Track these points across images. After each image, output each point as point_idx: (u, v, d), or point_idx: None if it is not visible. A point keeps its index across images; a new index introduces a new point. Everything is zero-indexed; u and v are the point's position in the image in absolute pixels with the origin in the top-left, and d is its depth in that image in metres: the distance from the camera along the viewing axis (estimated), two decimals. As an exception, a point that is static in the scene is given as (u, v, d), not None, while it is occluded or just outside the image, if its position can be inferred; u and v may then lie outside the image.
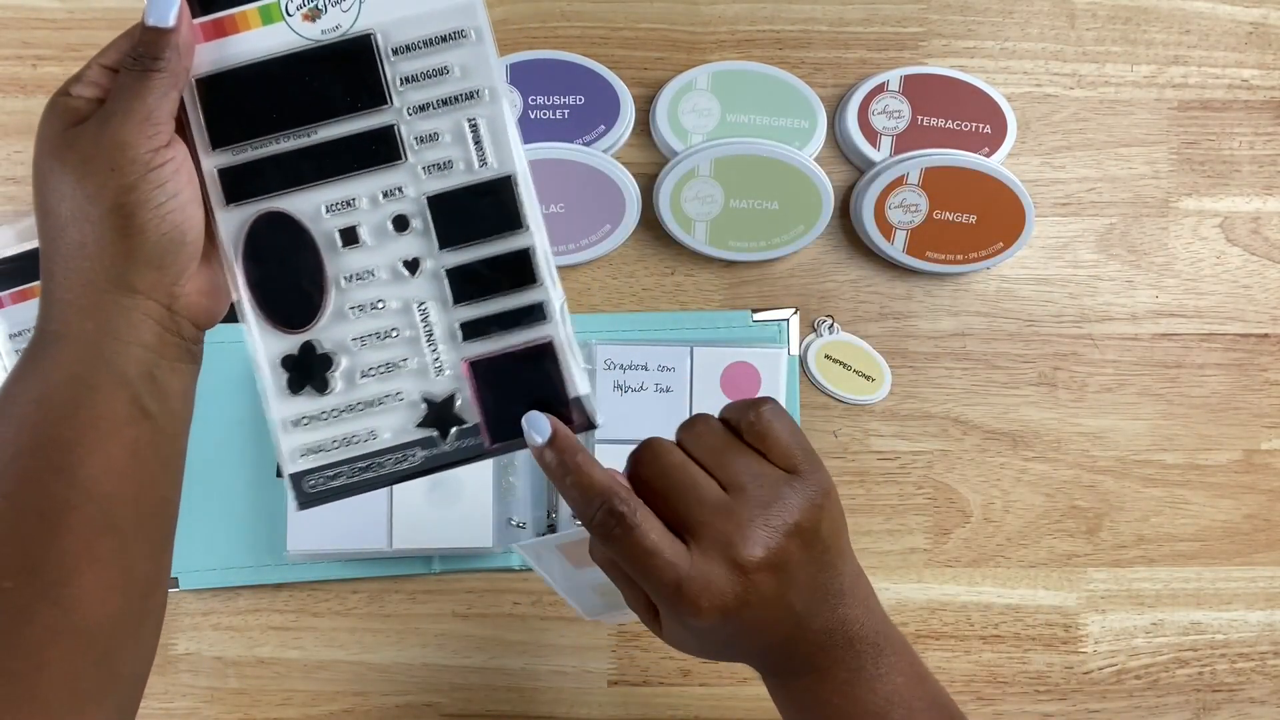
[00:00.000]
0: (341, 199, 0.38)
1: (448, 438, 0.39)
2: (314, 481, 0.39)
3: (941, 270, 0.61)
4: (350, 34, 0.37)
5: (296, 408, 0.38)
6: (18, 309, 0.59)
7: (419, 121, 0.37)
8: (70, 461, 0.34)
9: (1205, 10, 0.63)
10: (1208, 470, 0.63)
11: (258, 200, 0.37)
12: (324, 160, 0.37)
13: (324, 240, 0.38)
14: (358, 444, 0.39)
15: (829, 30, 0.63)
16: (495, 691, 0.61)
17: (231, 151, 0.37)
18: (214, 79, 0.37)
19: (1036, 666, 0.62)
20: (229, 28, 0.36)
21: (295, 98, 0.37)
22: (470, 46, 0.37)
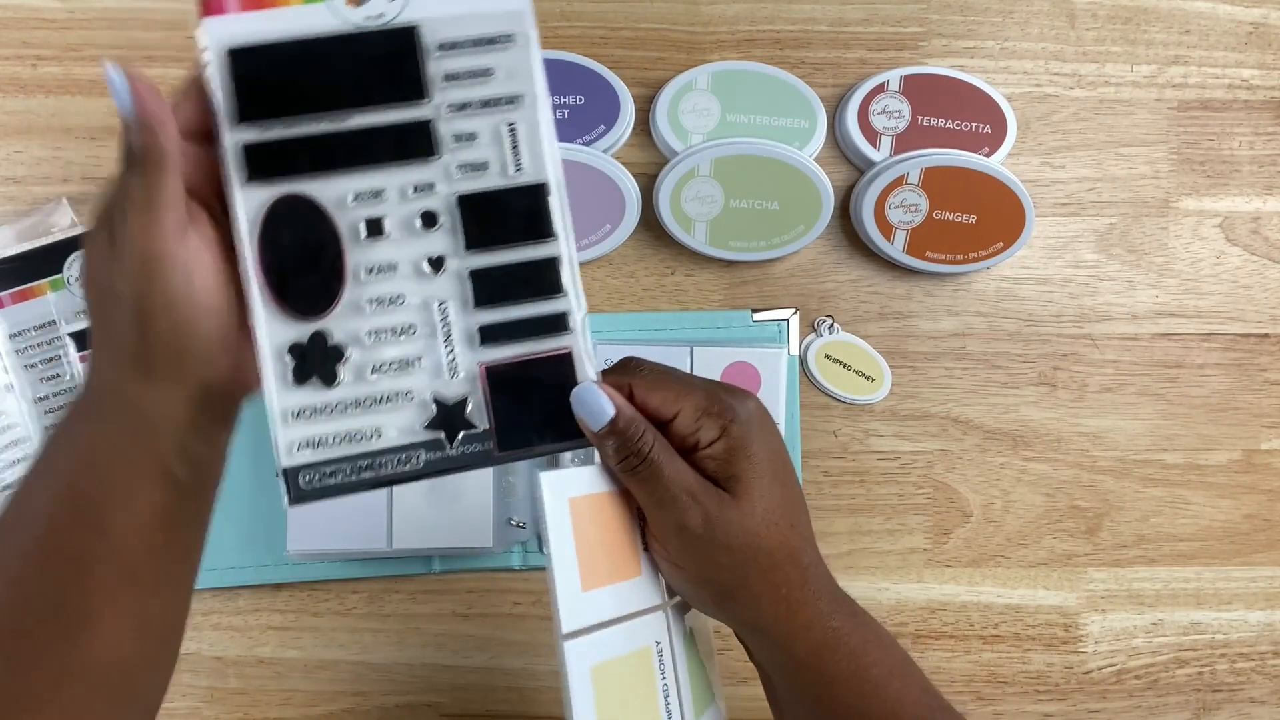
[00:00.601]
0: (370, 189, 0.37)
1: (454, 442, 0.38)
2: (309, 477, 0.38)
3: (941, 270, 0.61)
4: (395, 24, 0.36)
5: (299, 399, 0.37)
6: (18, 309, 0.59)
7: (457, 120, 0.37)
8: (100, 518, 0.35)
9: (1205, 10, 0.63)
10: (1208, 470, 0.63)
11: (281, 181, 0.36)
12: (355, 148, 0.36)
13: (348, 229, 0.37)
14: (360, 441, 0.38)
15: (829, 30, 0.63)
16: (495, 691, 0.61)
17: (259, 128, 0.36)
18: (247, 51, 0.35)
19: (1036, 666, 0.62)
20: (268, 1, 0.35)
21: (331, 81, 0.36)
22: (516, 51, 0.37)
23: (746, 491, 0.36)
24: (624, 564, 0.38)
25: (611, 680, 0.37)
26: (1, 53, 0.61)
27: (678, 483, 0.36)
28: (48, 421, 0.59)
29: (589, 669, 0.36)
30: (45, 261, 0.59)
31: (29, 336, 0.59)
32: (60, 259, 0.59)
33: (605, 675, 0.36)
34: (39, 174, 0.61)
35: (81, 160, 0.61)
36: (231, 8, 0.35)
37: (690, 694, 0.39)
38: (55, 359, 0.59)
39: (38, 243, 0.59)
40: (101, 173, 0.61)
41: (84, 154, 0.61)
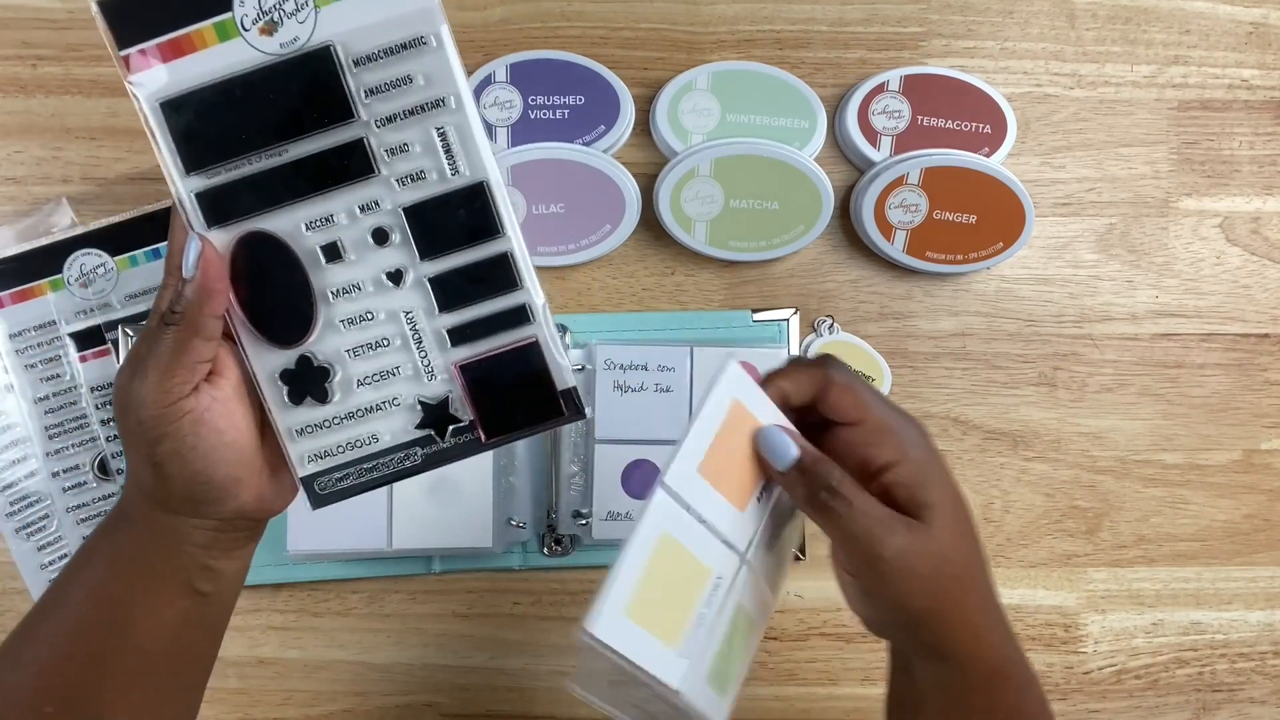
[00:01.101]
0: (320, 215, 0.37)
1: (445, 436, 0.40)
2: (324, 483, 0.40)
3: (941, 270, 0.61)
4: (309, 47, 0.36)
5: (300, 417, 0.39)
6: (18, 309, 0.59)
7: (387, 133, 0.37)
8: (123, 619, 0.37)
9: (1205, 10, 0.63)
10: (1208, 470, 0.63)
11: (239, 221, 0.37)
12: (298, 178, 0.37)
13: (307, 257, 0.38)
14: (361, 447, 0.40)
15: (829, 30, 0.63)
16: (495, 691, 0.61)
17: (206, 175, 0.37)
18: (178, 100, 0.36)
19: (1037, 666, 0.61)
20: (185, 47, 0.36)
21: (262, 116, 0.36)
22: (431, 54, 0.36)
23: (936, 519, 0.37)
24: (739, 488, 0.39)
25: (668, 559, 0.37)
26: (1, 53, 0.61)
27: (870, 515, 0.36)
28: (48, 421, 0.59)
29: (660, 531, 0.37)
30: (45, 261, 0.59)
31: (29, 336, 0.59)
32: (60, 259, 0.59)
33: (667, 550, 0.37)
34: (39, 174, 0.61)
35: (81, 160, 0.61)
36: (154, 61, 0.36)
37: (714, 651, 0.38)
38: (55, 359, 0.59)
39: (38, 243, 0.59)
40: (101, 173, 0.61)
41: (84, 154, 0.61)
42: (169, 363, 0.35)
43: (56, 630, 0.37)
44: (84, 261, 0.59)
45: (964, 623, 0.38)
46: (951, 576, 0.37)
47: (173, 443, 0.35)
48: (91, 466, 0.60)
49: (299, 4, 0.36)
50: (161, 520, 0.37)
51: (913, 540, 0.36)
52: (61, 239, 0.59)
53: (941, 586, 0.37)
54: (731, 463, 0.38)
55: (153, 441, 0.35)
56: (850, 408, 0.38)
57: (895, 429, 0.38)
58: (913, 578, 0.36)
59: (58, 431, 0.59)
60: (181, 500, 0.37)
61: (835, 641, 0.61)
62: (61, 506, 0.59)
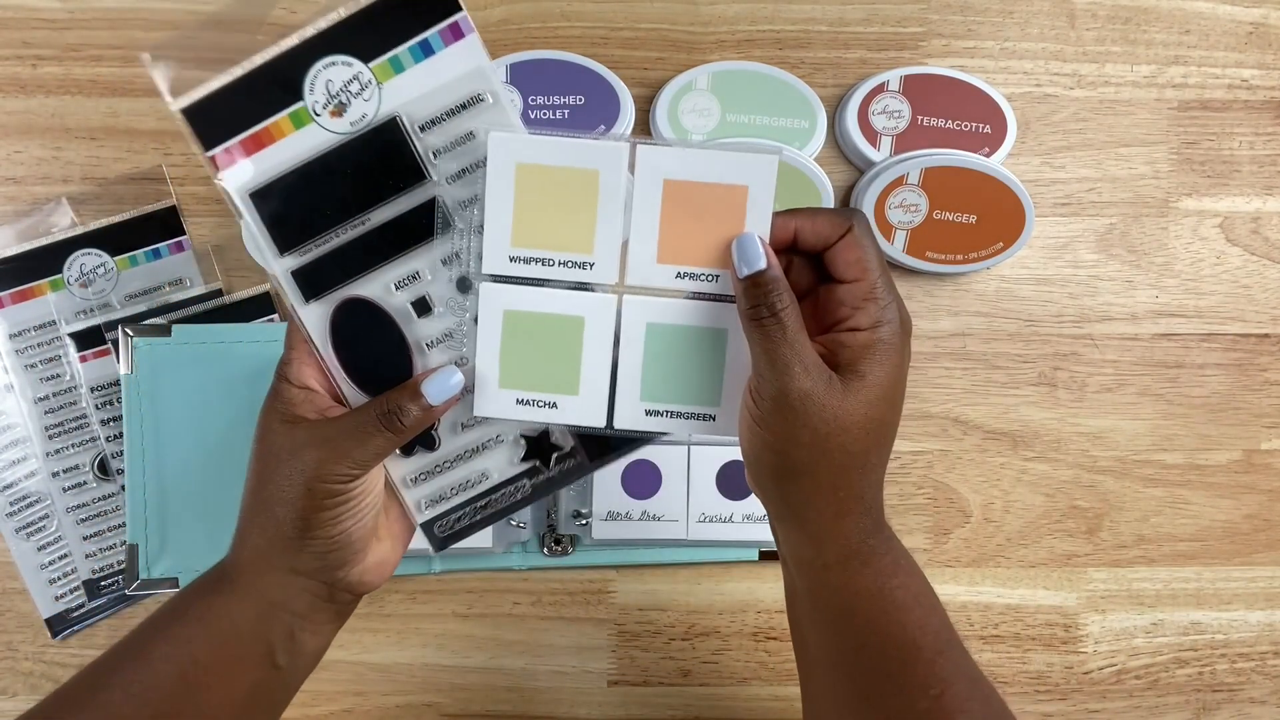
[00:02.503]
0: (406, 274, 0.40)
1: (550, 465, 0.42)
2: (443, 525, 0.43)
3: (941, 270, 0.61)
4: (377, 121, 0.38)
5: (411, 466, 0.42)
6: (18, 309, 0.59)
7: (458, 188, 0.39)
8: (200, 682, 0.38)
9: (1205, 10, 0.63)
10: (1208, 470, 0.63)
11: (332, 291, 0.40)
12: (382, 243, 0.39)
13: (399, 314, 0.40)
14: (473, 486, 0.42)
15: (829, 30, 0.63)
16: (495, 691, 0.61)
17: (298, 254, 0.39)
18: (265, 190, 0.39)
19: (1036, 666, 0.62)
20: (265, 139, 0.38)
21: (343, 191, 0.39)
22: (489, 109, 0.39)
23: (858, 390, 0.36)
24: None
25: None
26: (1, 53, 0.61)
27: (795, 350, 0.36)
28: (48, 421, 0.59)
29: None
30: (45, 261, 0.59)
31: (29, 336, 0.59)
32: (60, 259, 0.59)
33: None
34: (39, 174, 0.61)
35: (81, 160, 0.61)
36: (238, 156, 0.38)
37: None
38: (55, 359, 0.59)
39: (38, 243, 0.59)
40: (101, 173, 0.61)
41: (84, 154, 0.61)
42: (370, 457, 0.38)
43: (132, 680, 0.38)
44: (84, 261, 0.59)
45: (832, 496, 0.38)
46: (841, 446, 0.36)
47: (336, 509, 0.38)
48: (91, 466, 0.60)
49: (363, 84, 0.38)
50: (273, 581, 0.39)
51: (823, 392, 0.36)
52: (61, 239, 0.59)
53: (826, 451, 0.36)
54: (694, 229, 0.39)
55: (315, 507, 0.37)
56: (852, 264, 0.37)
57: (880, 304, 0.37)
58: (803, 427, 0.36)
59: (58, 431, 0.59)
60: (315, 557, 0.38)
61: (835, 641, 0.61)
62: (61, 506, 0.59)
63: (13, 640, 0.60)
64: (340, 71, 0.38)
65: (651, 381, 0.40)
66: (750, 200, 0.38)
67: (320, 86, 0.38)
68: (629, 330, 0.40)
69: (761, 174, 0.38)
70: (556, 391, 0.40)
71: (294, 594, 0.39)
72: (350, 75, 0.38)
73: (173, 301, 0.60)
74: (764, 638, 0.61)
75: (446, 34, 0.38)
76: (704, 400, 0.40)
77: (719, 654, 0.61)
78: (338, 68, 0.38)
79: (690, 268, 0.39)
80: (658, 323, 0.39)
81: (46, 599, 0.59)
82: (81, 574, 0.59)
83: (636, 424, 0.41)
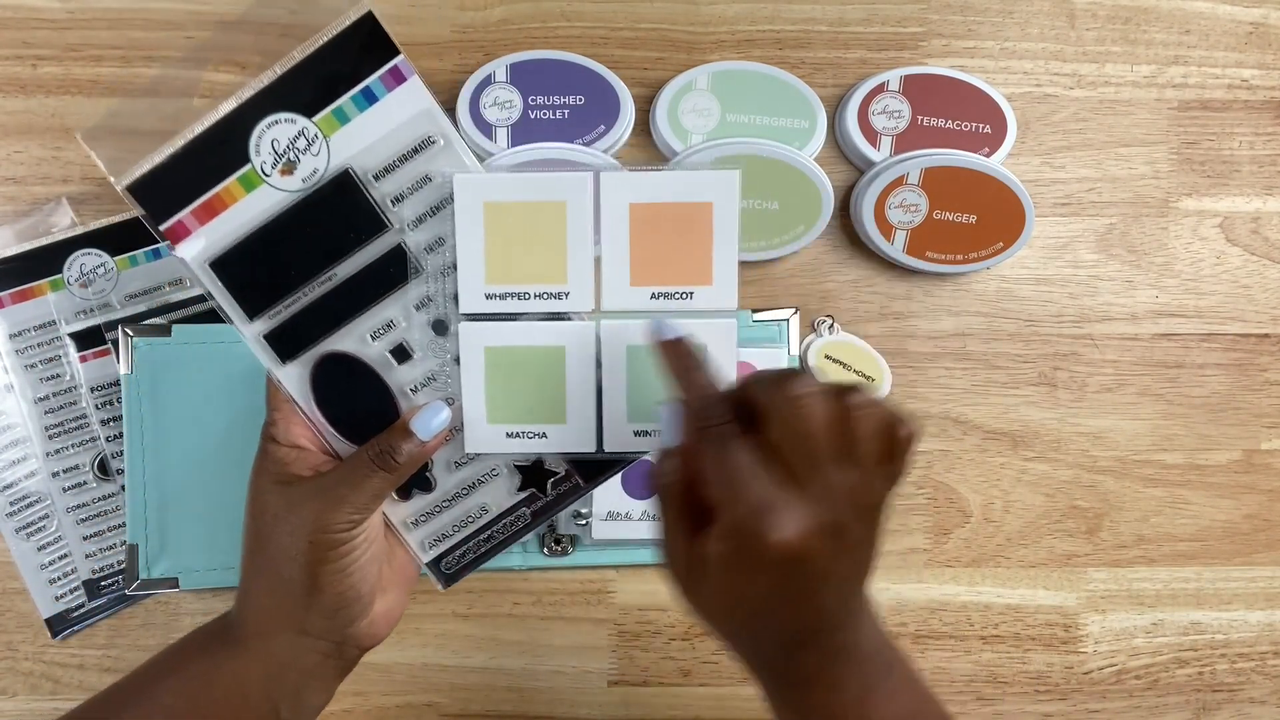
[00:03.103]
0: (381, 323, 0.40)
1: (546, 490, 0.43)
2: (449, 563, 0.43)
3: (941, 270, 0.61)
4: (329, 174, 0.38)
5: (411, 509, 0.42)
6: (18, 309, 0.59)
7: (421, 233, 0.39)
8: None
9: (1205, 10, 0.63)
10: (1208, 470, 0.63)
11: (308, 349, 0.40)
12: (352, 296, 0.39)
13: (379, 363, 0.40)
14: (473, 521, 0.43)
15: (829, 30, 0.63)
16: (495, 691, 0.61)
17: (268, 317, 0.39)
18: (225, 257, 0.38)
19: (1036, 666, 0.62)
20: (218, 206, 0.38)
21: (304, 249, 0.39)
22: (442, 151, 0.38)
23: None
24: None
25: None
26: (1, 53, 0.61)
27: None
28: (48, 421, 0.59)
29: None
30: (45, 261, 0.59)
31: (29, 336, 0.59)
32: (60, 259, 0.59)
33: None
34: (39, 174, 0.61)
35: (81, 160, 0.61)
36: (193, 227, 0.38)
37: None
38: (55, 359, 0.59)
39: (38, 243, 0.59)
40: (101, 173, 0.61)
41: (84, 154, 0.61)
42: (369, 500, 0.38)
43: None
44: (84, 261, 0.59)
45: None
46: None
47: (341, 561, 0.38)
48: (91, 466, 0.60)
49: (309, 139, 0.38)
50: (282, 642, 0.39)
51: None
52: (61, 239, 0.59)
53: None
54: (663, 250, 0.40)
55: (320, 560, 0.37)
56: None
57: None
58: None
59: (58, 431, 0.59)
60: (324, 615, 0.38)
61: (835, 641, 0.62)
62: (61, 506, 0.59)
63: (13, 640, 0.60)
64: (284, 129, 0.38)
65: (637, 402, 0.41)
66: (715, 215, 0.39)
67: (266, 146, 0.38)
68: (610, 354, 0.40)
69: (724, 190, 0.39)
70: (545, 421, 0.41)
71: (302, 654, 0.39)
72: (295, 132, 0.38)
73: (173, 301, 0.60)
74: (764, 638, 0.62)
75: (388, 79, 0.38)
76: None
77: (719, 654, 0.61)
78: (281, 125, 0.38)
79: (664, 287, 0.39)
80: (638, 344, 0.40)
81: (46, 599, 0.59)
82: (81, 574, 0.59)
83: (626, 445, 0.41)
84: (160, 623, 0.60)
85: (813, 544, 0.33)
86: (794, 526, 0.33)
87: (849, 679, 0.36)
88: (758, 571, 0.34)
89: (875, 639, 0.37)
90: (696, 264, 0.39)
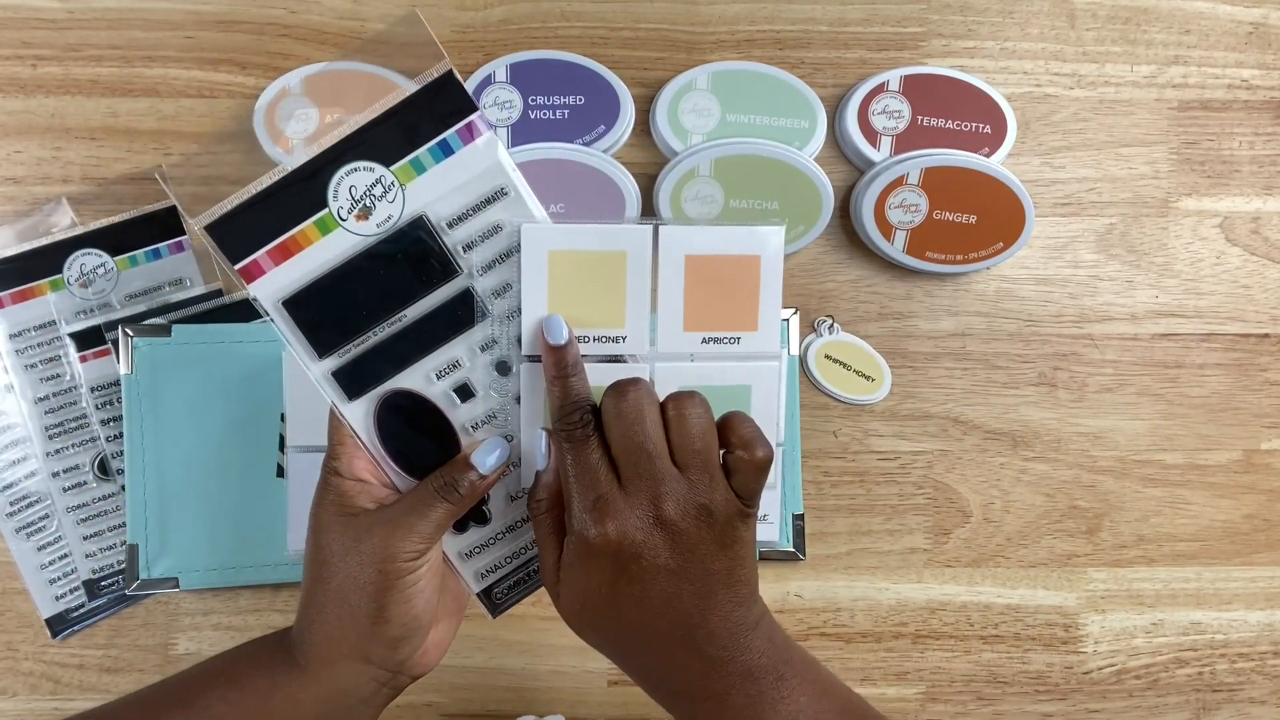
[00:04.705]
0: (446, 363, 0.41)
1: None
2: (499, 593, 0.44)
3: (941, 270, 0.61)
4: (403, 221, 0.40)
5: (466, 541, 0.43)
6: (18, 309, 0.59)
7: (489, 278, 0.41)
8: None
9: (1205, 10, 0.63)
10: (1208, 470, 0.63)
11: (373, 387, 0.41)
12: (420, 337, 0.41)
13: (443, 401, 0.41)
14: (525, 553, 0.44)
15: (829, 30, 0.63)
16: (495, 691, 0.61)
17: (337, 356, 0.40)
18: (298, 297, 0.40)
19: (1036, 666, 0.62)
20: (293, 247, 0.39)
21: (376, 291, 0.40)
22: (511, 201, 0.40)
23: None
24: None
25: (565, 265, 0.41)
26: (1, 53, 0.61)
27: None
28: (48, 421, 0.59)
29: (544, 250, 0.41)
30: (45, 261, 0.59)
31: (29, 336, 0.59)
32: (60, 259, 0.59)
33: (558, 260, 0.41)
34: (39, 174, 0.61)
35: (81, 160, 0.61)
36: (267, 267, 0.39)
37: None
38: (55, 359, 0.59)
39: (38, 243, 0.59)
40: (101, 173, 0.61)
41: (84, 154, 0.61)
42: (434, 530, 0.39)
43: None
44: (84, 261, 0.59)
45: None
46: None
47: (408, 590, 0.39)
48: (91, 466, 0.60)
49: (386, 186, 0.39)
50: (345, 669, 0.40)
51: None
52: (61, 239, 0.59)
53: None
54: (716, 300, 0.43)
55: (388, 588, 0.38)
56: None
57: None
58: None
59: (58, 431, 0.59)
60: (387, 644, 0.39)
61: (835, 641, 0.61)
62: (61, 506, 0.59)
63: (13, 640, 0.60)
64: (362, 177, 0.39)
65: None
66: (763, 268, 0.42)
67: (344, 192, 0.39)
68: (662, 395, 0.42)
69: (770, 243, 0.41)
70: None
71: (363, 682, 0.40)
72: (373, 179, 0.39)
73: (173, 301, 0.60)
74: (764, 638, 0.61)
75: (464, 133, 0.40)
76: None
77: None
78: (360, 173, 0.39)
79: (714, 333, 0.42)
80: (689, 386, 0.41)
81: (46, 599, 0.59)
82: (81, 574, 0.59)
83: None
84: (160, 623, 0.60)
85: (635, 540, 0.37)
86: (614, 522, 0.37)
87: (734, 690, 0.38)
88: (594, 566, 0.37)
89: (767, 653, 0.39)
90: (744, 311, 0.42)
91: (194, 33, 0.61)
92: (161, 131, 0.61)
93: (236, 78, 0.61)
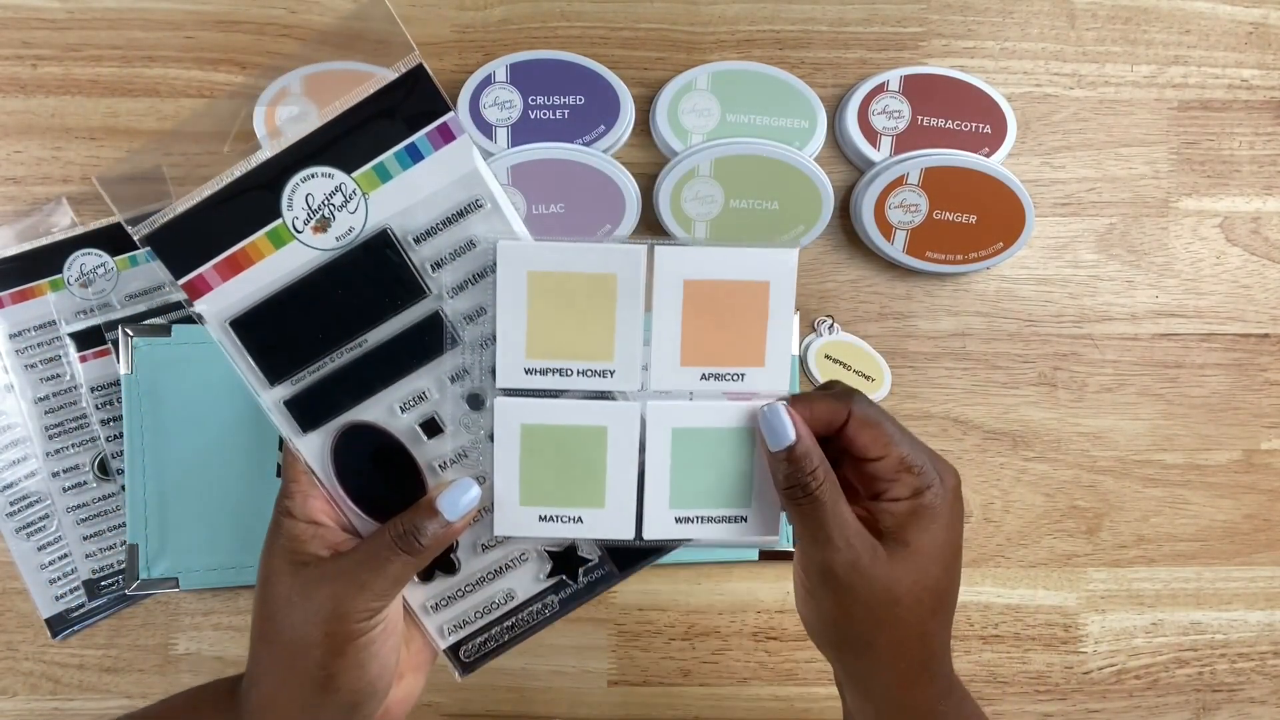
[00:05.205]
0: (411, 394, 0.37)
1: (577, 578, 0.40)
2: (469, 650, 0.40)
3: (941, 270, 0.61)
4: (365, 234, 0.35)
5: (431, 592, 0.39)
6: (18, 309, 0.59)
7: (461, 301, 0.36)
8: None
9: (1205, 10, 0.63)
10: (1208, 470, 0.63)
11: (331, 419, 0.37)
12: (382, 365, 0.36)
13: (407, 436, 0.37)
14: (497, 607, 0.40)
15: (829, 30, 0.63)
16: (495, 691, 0.61)
17: (290, 383, 0.36)
18: (247, 316, 0.36)
19: (1036, 666, 0.62)
20: (243, 261, 0.35)
21: (334, 312, 0.36)
22: (487, 214, 0.36)
23: (905, 559, 0.35)
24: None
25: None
26: (1, 53, 0.61)
27: (836, 524, 0.35)
28: (48, 421, 0.59)
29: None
30: (45, 261, 0.59)
31: (29, 336, 0.59)
32: (60, 259, 0.59)
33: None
34: (39, 174, 0.61)
35: (81, 160, 0.61)
36: (214, 282, 0.35)
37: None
38: (55, 359, 0.59)
39: (38, 243, 0.59)
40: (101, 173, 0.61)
41: (84, 154, 0.61)
42: (389, 586, 0.35)
43: None
44: (84, 261, 0.59)
45: (893, 668, 0.36)
46: (895, 618, 0.35)
47: (360, 655, 0.35)
48: (91, 466, 0.60)
49: (347, 195, 0.35)
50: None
51: (868, 564, 0.35)
52: (61, 239, 0.59)
53: (881, 623, 0.35)
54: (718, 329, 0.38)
55: (336, 653, 0.34)
56: (870, 445, 0.36)
57: (915, 472, 0.36)
58: (854, 601, 0.35)
59: (58, 431, 0.59)
60: (340, 710, 0.36)
61: (835, 641, 0.61)
62: (61, 506, 0.59)
63: (13, 640, 0.60)
64: (320, 184, 0.35)
65: (680, 488, 0.38)
66: (772, 295, 0.37)
67: (299, 201, 0.35)
68: (654, 437, 0.38)
69: (781, 269, 0.37)
70: (581, 505, 0.38)
71: None
72: (332, 187, 0.35)
73: (173, 301, 0.60)
74: (764, 638, 0.61)
75: (435, 136, 0.35)
76: (735, 502, 0.39)
77: (719, 654, 0.61)
78: (318, 180, 0.35)
79: (715, 368, 0.37)
80: (684, 427, 0.38)
81: (46, 599, 0.59)
82: (81, 574, 0.59)
83: (667, 533, 0.38)
84: (160, 623, 0.60)
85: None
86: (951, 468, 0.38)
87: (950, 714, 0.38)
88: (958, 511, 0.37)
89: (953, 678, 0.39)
90: (749, 344, 0.37)
91: (194, 33, 0.61)
92: (161, 131, 0.61)
93: (236, 78, 0.61)
